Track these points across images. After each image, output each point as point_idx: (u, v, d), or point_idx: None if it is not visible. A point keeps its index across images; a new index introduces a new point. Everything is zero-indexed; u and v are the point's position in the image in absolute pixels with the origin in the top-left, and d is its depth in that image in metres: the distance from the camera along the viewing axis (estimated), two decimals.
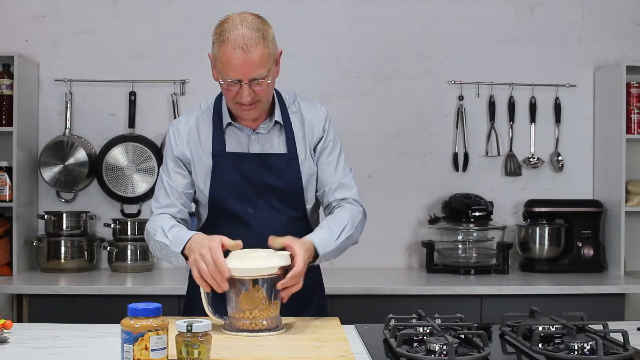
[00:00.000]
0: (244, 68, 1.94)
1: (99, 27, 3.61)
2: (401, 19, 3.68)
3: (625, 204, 3.47)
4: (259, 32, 1.96)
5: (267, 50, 1.96)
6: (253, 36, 1.94)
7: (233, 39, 1.94)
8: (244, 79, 1.96)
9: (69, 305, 3.00)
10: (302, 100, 2.22)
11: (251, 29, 1.95)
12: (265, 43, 1.96)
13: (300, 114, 2.18)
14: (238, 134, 2.12)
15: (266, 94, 2.02)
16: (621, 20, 3.75)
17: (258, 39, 1.94)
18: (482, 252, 3.49)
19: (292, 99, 2.21)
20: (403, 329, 1.74)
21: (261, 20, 2.01)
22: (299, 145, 2.14)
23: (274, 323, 1.83)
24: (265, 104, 2.07)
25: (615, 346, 1.64)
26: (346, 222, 2.07)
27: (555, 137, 3.72)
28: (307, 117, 2.18)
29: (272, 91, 2.09)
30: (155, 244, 2.06)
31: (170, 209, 2.12)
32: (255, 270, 1.81)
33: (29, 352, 1.69)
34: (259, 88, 1.98)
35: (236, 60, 1.93)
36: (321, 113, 2.20)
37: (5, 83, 3.36)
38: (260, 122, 2.12)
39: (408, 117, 3.68)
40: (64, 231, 3.43)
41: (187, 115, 2.18)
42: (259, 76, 1.96)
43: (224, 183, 2.10)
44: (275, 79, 2.07)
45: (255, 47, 1.94)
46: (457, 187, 3.62)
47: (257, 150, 2.11)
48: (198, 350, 1.46)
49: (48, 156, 3.49)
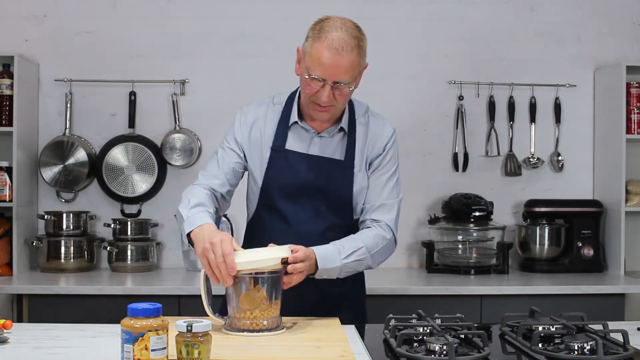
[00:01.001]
0: (333, 69, 1.97)
1: (99, 27, 3.61)
2: (401, 19, 3.68)
3: (625, 204, 3.47)
4: (356, 40, 2.00)
5: (358, 59, 2.00)
6: (349, 42, 1.98)
7: (330, 39, 1.98)
8: (328, 79, 1.98)
9: (69, 305, 2.99)
10: (373, 115, 2.24)
11: (350, 35, 2.00)
12: (358, 52, 2.00)
13: (367, 127, 2.19)
14: (301, 134, 2.15)
15: (343, 100, 2.05)
16: (621, 20, 3.75)
17: (353, 45, 1.98)
18: (482, 252, 3.49)
19: (364, 110, 2.22)
20: (403, 329, 1.74)
21: (359, 30, 2.05)
22: (358, 156, 2.15)
23: (274, 323, 1.83)
24: (339, 110, 2.10)
25: (615, 346, 1.64)
26: (361, 245, 2.06)
27: (555, 137, 3.72)
28: (372, 131, 2.19)
29: (348, 99, 2.11)
30: (177, 213, 2.04)
31: (215, 180, 2.14)
32: (258, 262, 1.80)
33: (29, 352, 1.69)
34: (339, 93, 2.01)
35: (327, 60, 1.96)
36: (387, 131, 2.21)
37: (5, 83, 3.36)
38: (327, 127, 2.15)
39: (408, 117, 3.68)
40: (64, 231, 3.43)
41: (258, 105, 2.23)
42: (343, 81, 1.99)
43: (276, 178, 2.12)
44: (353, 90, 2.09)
45: (349, 52, 1.97)
46: (457, 187, 3.62)
47: (316, 152, 2.13)
48: (198, 350, 1.46)
49: (48, 156, 3.49)
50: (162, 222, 3.60)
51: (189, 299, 2.94)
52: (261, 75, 3.60)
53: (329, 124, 2.15)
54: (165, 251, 3.60)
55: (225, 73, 3.65)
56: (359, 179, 2.14)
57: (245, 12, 3.64)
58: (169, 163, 3.56)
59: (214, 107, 3.61)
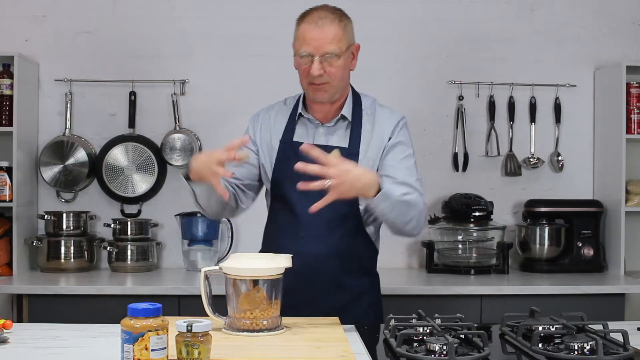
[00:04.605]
0: (316, 42, 2.07)
1: (99, 27, 3.61)
2: (401, 19, 3.68)
3: (625, 204, 3.47)
4: (337, 14, 2.11)
5: (341, 32, 2.09)
6: (329, 15, 2.10)
7: (310, 15, 2.11)
8: (315, 52, 2.07)
9: (69, 305, 2.99)
10: (381, 106, 2.27)
11: (329, 11, 2.12)
12: (340, 25, 2.09)
13: (374, 117, 2.22)
14: (307, 125, 2.22)
15: (336, 76, 2.11)
16: (621, 20, 3.75)
17: (333, 18, 2.10)
18: (482, 252, 3.49)
19: (371, 102, 2.27)
20: (403, 329, 1.74)
21: (342, 10, 2.15)
22: (363, 145, 2.17)
23: (274, 323, 1.83)
24: (336, 89, 2.14)
25: (615, 346, 1.64)
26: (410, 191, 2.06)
27: (555, 137, 3.72)
28: (379, 120, 2.22)
29: (345, 78, 2.16)
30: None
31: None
32: (259, 270, 1.81)
33: (29, 352, 1.69)
34: (329, 67, 2.08)
35: (310, 33, 2.08)
36: (394, 118, 2.23)
37: (5, 83, 3.36)
38: (331, 118, 2.20)
39: (408, 117, 3.65)
40: (64, 231, 3.43)
41: (270, 106, 2.34)
42: (330, 51, 2.07)
43: (285, 170, 2.16)
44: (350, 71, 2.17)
45: (329, 23, 2.08)
46: (457, 187, 3.62)
47: (322, 142, 2.17)
48: (198, 350, 1.46)
49: (48, 156, 3.49)
50: (162, 222, 3.60)
51: (189, 299, 2.93)
52: (261, 75, 3.60)
53: (333, 115, 2.19)
54: (165, 251, 3.60)
55: (225, 73, 3.64)
56: (364, 165, 2.14)
57: (245, 12, 3.64)
58: (169, 163, 3.56)
59: (214, 107, 3.61)
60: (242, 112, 3.64)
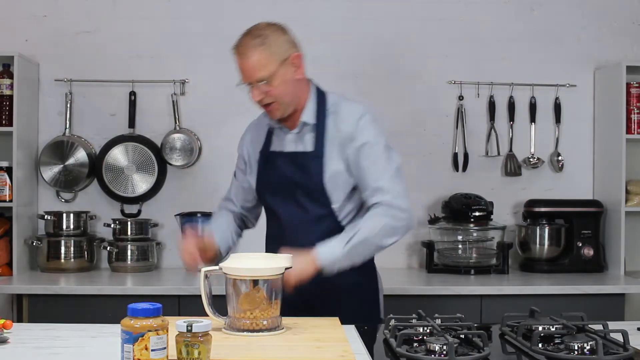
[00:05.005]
0: (246, 72, 2.13)
1: (99, 27, 3.61)
2: (401, 19, 3.68)
3: (625, 204, 3.47)
4: (259, 38, 2.11)
5: (264, 56, 2.10)
6: (250, 42, 2.12)
7: (236, 47, 2.16)
8: (249, 81, 2.14)
9: (69, 305, 3.00)
10: (345, 101, 2.26)
11: (252, 35, 2.13)
12: (263, 47, 2.10)
13: (338, 114, 2.22)
14: (280, 134, 2.27)
15: (279, 94, 2.14)
16: (621, 20, 3.75)
17: (256, 44, 2.12)
18: (482, 252, 3.49)
19: (335, 100, 2.26)
20: (403, 329, 1.74)
21: (268, 26, 2.15)
22: (328, 144, 2.19)
23: (274, 323, 1.83)
24: (287, 104, 2.17)
25: (615, 346, 1.64)
26: (357, 229, 2.10)
27: (555, 137, 3.72)
28: (343, 116, 2.22)
29: (291, 91, 2.17)
30: None
31: (229, 204, 2.44)
32: (259, 270, 1.82)
33: (29, 352, 1.69)
34: (268, 89, 2.12)
35: (240, 65, 2.15)
36: (357, 113, 2.21)
37: (5, 83, 3.36)
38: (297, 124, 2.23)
39: (408, 117, 3.68)
40: (64, 231, 3.43)
41: (255, 119, 2.41)
42: (259, 78, 2.11)
43: (264, 180, 2.28)
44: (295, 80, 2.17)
45: (251, 52, 2.10)
46: (457, 187, 3.62)
47: (292, 149, 2.23)
48: (198, 350, 1.46)
49: (48, 156, 3.49)
50: (162, 222, 3.60)
51: (189, 299, 2.94)
52: None
53: (298, 121, 2.23)
54: (165, 251, 3.60)
55: (225, 73, 3.62)
56: (332, 166, 2.18)
57: (245, 12, 3.63)
58: (169, 163, 3.56)
59: (214, 107, 3.61)
60: (242, 112, 3.64)
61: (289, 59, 2.14)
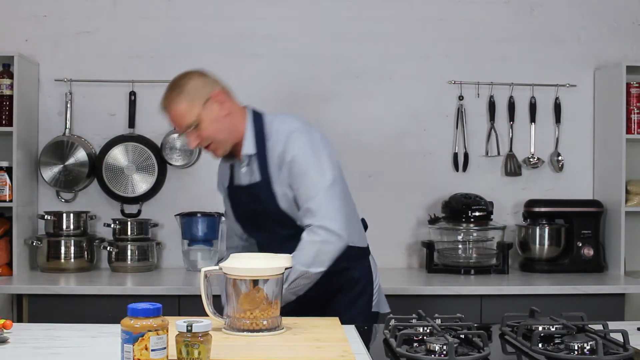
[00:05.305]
0: (175, 123, 2.24)
1: (99, 27, 3.61)
2: (401, 19, 3.68)
3: (625, 204, 3.47)
4: (177, 89, 2.18)
5: (185, 103, 2.17)
6: (170, 96, 2.20)
7: (160, 104, 2.25)
8: (181, 131, 2.24)
9: (69, 305, 3.00)
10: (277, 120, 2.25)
11: (171, 89, 2.21)
12: (182, 96, 2.17)
13: (272, 134, 2.23)
14: (236, 169, 2.32)
15: (211, 134, 2.19)
16: (621, 20, 3.75)
17: (174, 96, 2.19)
18: (482, 252, 3.49)
19: (270, 121, 2.25)
20: (403, 329, 1.74)
21: (183, 76, 2.22)
22: (272, 169, 2.21)
23: (274, 323, 1.83)
24: (224, 141, 2.22)
25: (615, 346, 1.64)
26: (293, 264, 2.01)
27: (555, 137, 3.72)
28: (274, 137, 2.22)
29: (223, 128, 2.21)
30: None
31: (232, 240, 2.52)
32: (259, 270, 1.82)
33: (29, 352, 1.69)
34: (199, 132, 2.18)
35: (169, 119, 2.25)
36: (284, 131, 2.20)
37: (5, 83, 3.36)
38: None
39: (408, 117, 3.68)
40: (64, 231, 3.43)
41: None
42: (188, 125, 2.18)
43: (236, 213, 2.39)
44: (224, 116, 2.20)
45: (173, 104, 2.19)
46: (457, 187, 3.62)
47: (246, 182, 2.27)
48: (198, 350, 1.46)
49: (48, 156, 3.49)
50: (162, 222, 3.60)
51: (189, 299, 2.93)
52: (261, 75, 3.60)
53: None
54: (165, 251, 3.60)
55: (225, 73, 3.62)
56: (281, 190, 2.21)
57: (245, 12, 3.64)
58: (169, 163, 3.56)
59: None
60: None
61: (210, 99, 2.19)
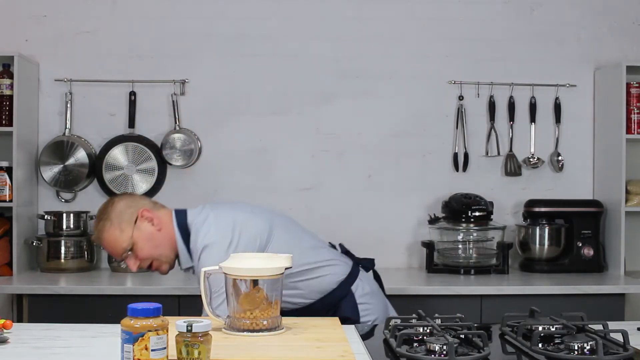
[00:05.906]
0: (112, 252, 2.25)
1: (99, 27, 3.61)
2: (401, 19, 3.68)
3: (625, 204, 3.47)
4: (103, 218, 2.20)
5: (115, 229, 2.19)
6: (100, 227, 2.21)
7: (93, 236, 2.28)
8: (119, 258, 2.26)
9: (69, 305, 3.00)
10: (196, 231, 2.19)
11: (100, 221, 2.23)
12: (110, 224, 2.20)
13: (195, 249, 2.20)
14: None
15: (149, 253, 2.20)
16: (621, 20, 3.75)
17: (102, 226, 2.21)
18: (482, 252, 3.49)
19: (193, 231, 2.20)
20: (403, 329, 1.74)
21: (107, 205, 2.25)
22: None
23: (274, 323, 1.83)
24: (165, 257, 2.23)
25: (615, 346, 1.64)
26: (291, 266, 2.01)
27: (555, 137, 3.72)
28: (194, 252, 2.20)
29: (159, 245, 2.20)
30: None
31: None
32: (259, 270, 1.81)
33: (29, 352, 1.69)
34: (137, 254, 2.21)
35: (104, 249, 2.29)
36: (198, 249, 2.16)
37: (5, 83, 3.36)
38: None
39: (408, 117, 3.68)
40: (64, 231, 3.43)
41: None
42: (124, 250, 2.20)
43: None
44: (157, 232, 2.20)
45: (104, 234, 2.21)
46: (457, 187, 3.62)
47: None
48: (198, 350, 1.46)
49: (48, 156, 3.49)
50: None
51: (189, 299, 2.93)
52: (261, 75, 3.61)
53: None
54: None
55: (225, 73, 3.64)
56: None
57: (245, 12, 3.64)
58: (169, 163, 3.56)
59: (214, 107, 3.61)
60: (242, 112, 3.67)
61: (139, 218, 2.20)
